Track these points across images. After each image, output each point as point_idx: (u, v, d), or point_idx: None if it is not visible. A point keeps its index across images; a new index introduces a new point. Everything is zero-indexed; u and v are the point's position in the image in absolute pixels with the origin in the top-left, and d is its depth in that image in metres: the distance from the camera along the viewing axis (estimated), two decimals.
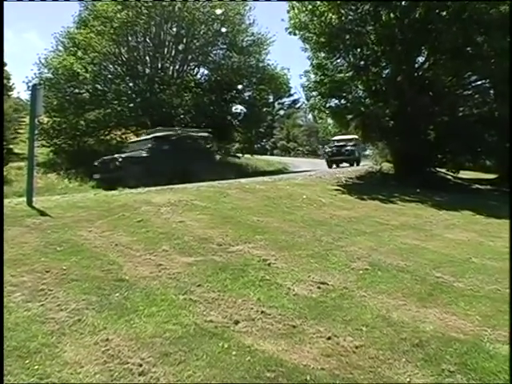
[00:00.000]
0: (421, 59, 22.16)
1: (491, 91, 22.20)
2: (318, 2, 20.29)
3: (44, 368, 3.59)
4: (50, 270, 5.78)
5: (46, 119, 27.79)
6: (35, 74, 29.52)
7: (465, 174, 27.05)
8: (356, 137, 33.29)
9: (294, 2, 21.18)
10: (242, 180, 16.57)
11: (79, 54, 28.28)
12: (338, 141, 34.30)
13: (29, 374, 3.52)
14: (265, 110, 34.82)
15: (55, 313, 4.60)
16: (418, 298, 5.47)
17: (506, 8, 16.47)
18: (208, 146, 23.05)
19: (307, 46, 22.63)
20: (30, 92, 15.22)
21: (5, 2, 9.33)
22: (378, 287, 5.80)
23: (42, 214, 8.95)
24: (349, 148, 33.03)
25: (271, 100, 35.87)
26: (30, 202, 9.69)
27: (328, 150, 34.73)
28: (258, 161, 37.16)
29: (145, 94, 28.51)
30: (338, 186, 17.47)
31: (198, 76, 33.88)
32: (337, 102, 23.38)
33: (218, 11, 30.41)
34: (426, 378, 3.70)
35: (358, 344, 4.22)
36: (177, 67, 32.41)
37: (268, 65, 34.37)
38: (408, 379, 3.68)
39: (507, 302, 5.41)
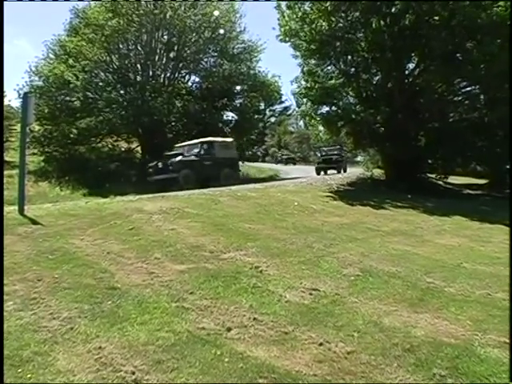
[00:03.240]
0: (411, 66, 22.33)
1: (481, 97, 22.34)
2: (308, 10, 20.40)
3: (37, 377, 3.60)
4: (42, 279, 5.77)
5: (37, 127, 27.74)
6: (26, 81, 29.45)
7: (456, 180, 27.21)
8: (210, 139, 23.64)
9: (285, 9, 21.26)
10: (234, 187, 16.61)
11: (70, 61, 28.19)
12: (179, 147, 24.41)
13: (22, 383, 3.52)
14: (256, 117, 34.83)
15: (48, 321, 4.60)
16: (409, 304, 5.49)
17: (497, 11, 16.57)
18: None
19: (298, 53, 22.73)
20: (21, 100, 15.22)
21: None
22: (369, 293, 5.83)
23: (34, 222, 8.95)
24: (173, 161, 21.23)
25: (262, 107, 35.83)
26: (21, 211, 9.68)
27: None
28: (249, 168, 37.15)
29: (136, 101, 28.45)
30: (330, 192, 17.53)
31: (190, 83, 33.92)
32: (327, 108, 23.53)
33: (216, 13, 30.57)
34: (418, 382, 3.73)
35: (350, 350, 4.24)
36: (168, 75, 32.40)
37: (259, 72, 34.50)
38: None
39: (498, 307, 5.45)
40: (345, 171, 33.55)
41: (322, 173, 31.59)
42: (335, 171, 32.33)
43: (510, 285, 6.02)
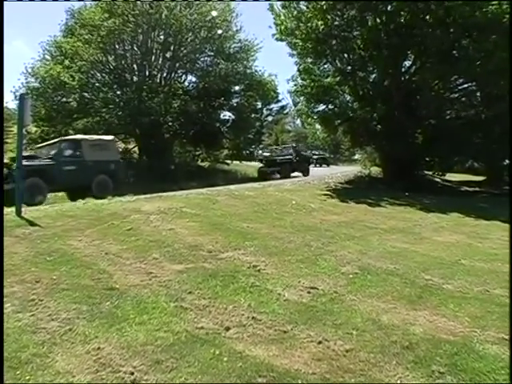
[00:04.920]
0: (407, 63, 22.34)
1: (477, 94, 22.38)
2: (304, 8, 20.40)
3: (35, 378, 3.59)
4: (40, 280, 5.76)
5: (34, 128, 27.76)
6: (22, 83, 29.46)
7: (453, 177, 27.24)
8: (74, 137, 19.24)
9: (279, 9, 21.25)
10: (231, 186, 16.64)
11: (66, 62, 28.21)
12: (39, 148, 20.18)
13: None
14: (253, 116, 34.86)
15: (46, 322, 4.59)
16: (407, 301, 5.49)
17: (492, 9, 16.58)
18: None
19: (294, 52, 22.72)
20: (17, 101, 15.14)
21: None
22: (367, 291, 5.83)
23: (32, 223, 8.93)
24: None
25: (259, 106, 35.86)
26: (18, 212, 9.66)
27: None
28: (247, 167, 37.15)
29: (133, 101, 28.45)
30: (327, 190, 17.56)
31: (186, 83, 33.95)
32: (324, 106, 23.53)
33: (214, 13, 30.62)
34: (417, 379, 3.72)
35: (349, 348, 4.24)
36: (164, 75, 32.42)
37: (255, 71, 34.53)
38: (399, 381, 3.70)
39: (496, 303, 5.46)
40: (304, 174, 29.97)
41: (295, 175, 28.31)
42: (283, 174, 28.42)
43: (510, 283, 6.02)
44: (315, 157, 53.29)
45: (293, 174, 29.45)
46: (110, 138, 19.65)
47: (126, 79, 31.04)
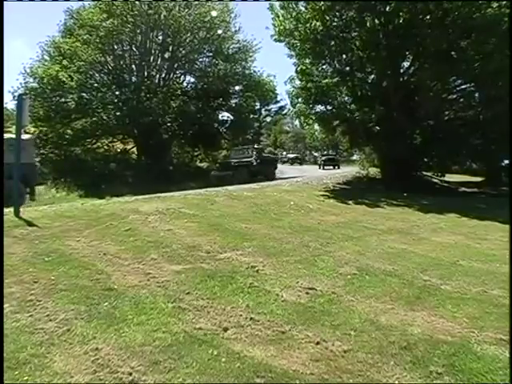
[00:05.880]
0: (406, 64, 22.33)
1: (476, 95, 22.39)
2: (303, 9, 20.41)
3: (34, 379, 3.57)
4: (38, 281, 5.75)
5: (32, 129, 27.68)
6: (21, 83, 29.44)
7: (452, 177, 27.22)
8: None
9: (279, 10, 21.24)
10: (230, 187, 16.61)
11: (65, 62, 28.19)
12: None
13: None
14: (252, 116, 34.94)
15: (44, 323, 4.58)
16: (405, 302, 5.49)
17: (491, 11, 16.61)
18: None
19: (293, 53, 22.71)
20: (15, 102, 15.00)
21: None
22: (365, 291, 5.82)
23: (30, 224, 8.92)
24: None
25: (258, 107, 35.96)
26: (17, 213, 9.65)
27: None
28: None
29: (131, 102, 28.46)
30: (326, 191, 17.55)
31: (185, 84, 34.02)
32: (322, 107, 23.50)
33: (214, 13, 30.66)
34: (415, 380, 3.72)
35: (347, 348, 4.23)
36: (163, 75, 32.44)
37: (254, 72, 34.60)
38: (396, 382, 3.69)
39: (494, 304, 5.45)
40: (269, 178, 25.96)
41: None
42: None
43: (510, 284, 6.01)
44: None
45: (291, 174, 29.37)
46: (26, 137, 16.50)
47: (124, 80, 31.06)
